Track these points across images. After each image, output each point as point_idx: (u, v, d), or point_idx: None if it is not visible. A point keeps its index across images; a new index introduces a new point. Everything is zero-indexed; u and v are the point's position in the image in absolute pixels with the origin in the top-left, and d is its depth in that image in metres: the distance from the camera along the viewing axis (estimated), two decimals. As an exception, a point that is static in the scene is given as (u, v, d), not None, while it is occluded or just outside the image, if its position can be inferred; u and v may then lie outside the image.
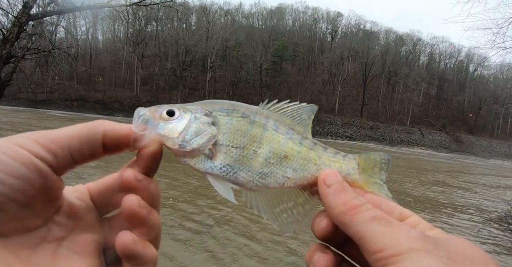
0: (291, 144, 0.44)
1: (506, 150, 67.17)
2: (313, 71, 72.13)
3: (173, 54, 58.78)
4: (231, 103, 0.46)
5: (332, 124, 60.42)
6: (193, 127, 0.40)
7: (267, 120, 0.44)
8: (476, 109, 76.55)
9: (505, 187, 17.85)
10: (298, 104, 0.48)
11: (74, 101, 49.36)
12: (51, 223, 0.32)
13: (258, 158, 0.42)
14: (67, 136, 0.32)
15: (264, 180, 0.42)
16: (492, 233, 7.43)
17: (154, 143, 0.38)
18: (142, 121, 0.39)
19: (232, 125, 0.42)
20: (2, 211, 0.27)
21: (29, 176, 0.28)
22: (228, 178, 0.41)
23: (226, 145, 0.41)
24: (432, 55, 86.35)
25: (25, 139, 0.30)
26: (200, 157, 0.40)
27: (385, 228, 0.32)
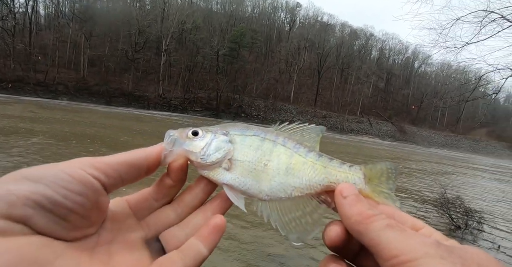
0: (297, 156, 0.47)
1: (443, 140, 73.73)
2: (270, 59, 72.35)
3: (125, 35, 55.20)
4: (245, 125, 0.51)
5: (287, 112, 61.40)
6: (213, 144, 0.46)
7: (276, 138, 0.49)
8: (418, 103, 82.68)
9: (441, 172, 19.32)
10: (308, 125, 0.52)
11: (10, 82, 44.35)
12: (100, 229, 0.38)
13: (268, 170, 0.46)
14: (118, 161, 0.39)
15: (274, 190, 0.45)
16: (428, 212, 7.99)
17: (181, 158, 0.45)
18: (171, 140, 0.46)
19: (246, 142, 0.48)
20: (67, 221, 0.33)
21: (87, 192, 0.34)
22: (241, 188, 0.45)
23: (240, 159, 0.46)
24: (383, 50, 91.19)
25: (84, 162, 0.36)
26: (218, 170, 0.45)
27: (399, 235, 0.34)
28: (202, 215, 0.45)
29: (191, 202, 0.47)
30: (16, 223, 0.30)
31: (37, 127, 13.60)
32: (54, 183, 0.32)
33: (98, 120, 20.87)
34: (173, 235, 0.43)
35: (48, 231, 0.32)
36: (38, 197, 0.31)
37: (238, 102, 55.90)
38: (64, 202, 0.32)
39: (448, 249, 0.32)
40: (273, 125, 0.51)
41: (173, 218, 0.45)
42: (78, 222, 0.34)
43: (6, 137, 10.39)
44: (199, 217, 0.45)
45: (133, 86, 51.91)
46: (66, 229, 0.33)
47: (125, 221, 0.41)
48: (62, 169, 0.34)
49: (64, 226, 0.33)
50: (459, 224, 6.86)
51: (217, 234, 0.43)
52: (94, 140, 12.19)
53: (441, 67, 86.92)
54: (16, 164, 7.24)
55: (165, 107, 50.91)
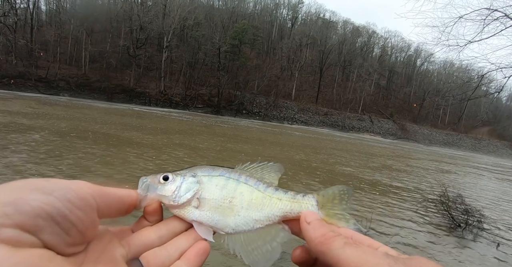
0: (257, 192, 0.52)
1: (444, 138, 73.66)
2: (271, 56, 72.22)
3: (126, 31, 55.03)
4: (211, 167, 0.54)
5: (289, 110, 61.40)
6: (183, 186, 0.50)
7: (239, 176, 0.53)
8: (420, 101, 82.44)
9: (442, 171, 19.34)
10: (267, 164, 0.56)
11: (12, 78, 44.32)
12: (87, 247, 0.39)
13: (233, 206, 0.51)
14: (109, 192, 0.43)
15: (238, 224, 0.50)
16: (428, 211, 7.98)
17: (154, 202, 0.49)
18: (145, 187, 0.50)
19: (212, 182, 0.52)
20: (68, 234, 0.34)
21: (86, 209, 0.36)
22: (209, 223, 0.49)
23: (208, 198, 0.51)
24: (385, 48, 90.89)
25: (83, 183, 0.39)
26: (188, 208, 0.50)
27: (355, 251, 0.38)
28: (185, 240, 0.47)
29: (175, 227, 0.49)
30: (28, 234, 0.30)
31: (36, 124, 13.64)
32: (62, 196, 0.34)
33: (99, 116, 20.92)
34: (154, 256, 0.44)
35: (53, 245, 0.33)
36: (51, 209, 0.32)
37: (240, 99, 55.85)
38: (69, 215, 0.34)
39: (394, 259, 0.36)
40: (236, 166, 0.55)
41: (154, 239, 0.46)
42: (76, 238, 0.36)
43: (5, 133, 10.43)
44: (183, 241, 0.47)
45: (135, 83, 51.88)
46: (66, 244, 0.34)
47: (109, 242, 0.42)
48: (68, 185, 0.36)
49: (66, 240, 0.34)
50: (459, 222, 6.87)
51: (202, 257, 0.46)
52: (96, 138, 12.21)
53: (444, 65, 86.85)
54: (17, 161, 7.27)
55: (166, 104, 50.90)
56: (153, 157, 9.83)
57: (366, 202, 8.08)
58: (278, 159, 13.21)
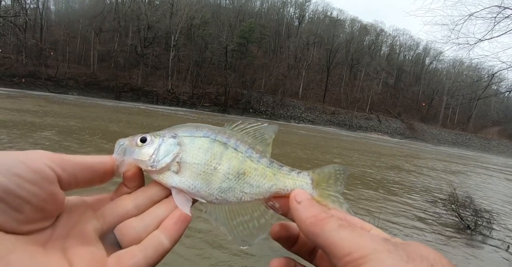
0: (249, 162, 0.47)
1: (453, 138, 72.61)
2: (278, 55, 72.02)
3: (134, 30, 55.45)
4: (195, 125, 0.50)
5: (296, 108, 61.20)
6: (162, 149, 0.46)
7: (228, 140, 0.48)
8: (429, 100, 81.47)
9: (451, 171, 19.09)
10: (260, 125, 0.52)
11: (22, 77, 45.03)
12: (56, 223, 0.37)
13: (218, 173, 0.46)
14: (75, 159, 0.39)
15: (223, 194, 0.46)
16: (437, 211, 7.86)
17: (132, 167, 0.45)
18: (121, 150, 0.46)
19: (194, 144, 0.47)
20: (20, 212, 0.32)
21: (41, 182, 0.33)
22: (190, 191, 0.45)
23: (189, 162, 0.46)
24: (393, 46, 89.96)
25: (41, 153, 0.36)
26: (167, 173, 0.45)
27: (351, 234, 0.35)
28: (165, 207, 0.44)
29: (154, 195, 0.46)
30: None
31: (45, 122, 13.82)
32: (7, 170, 0.31)
33: (105, 115, 21.11)
34: (130, 227, 0.41)
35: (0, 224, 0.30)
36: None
37: (247, 97, 55.89)
38: (17, 190, 0.31)
39: (394, 244, 0.34)
40: (226, 125, 0.51)
41: (131, 209, 0.43)
42: (31, 214, 0.33)
43: (13, 130, 10.60)
44: (161, 209, 0.44)
45: (142, 82, 52.26)
46: (19, 222, 0.32)
47: (82, 215, 0.40)
48: (17, 157, 0.33)
49: (17, 218, 0.32)
50: (468, 223, 6.77)
51: (181, 225, 0.42)
52: (104, 134, 12.33)
53: (453, 64, 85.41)
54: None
55: (173, 103, 51.21)
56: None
57: (373, 201, 8.02)
58: (287, 157, 13.18)
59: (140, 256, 0.38)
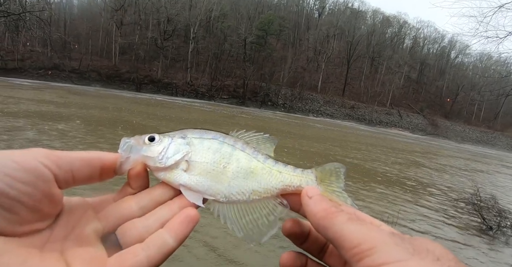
0: (256, 162, 0.49)
1: (478, 136, 69.89)
2: (298, 48, 71.07)
3: (154, 23, 56.10)
4: (203, 130, 0.51)
5: (314, 102, 60.54)
6: (171, 147, 0.47)
7: (235, 143, 0.50)
8: (453, 95, 78.55)
9: (474, 170, 18.44)
10: (263, 135, 0.54)
11: (48, 70, 46.55)
12: (54, 224, 0.36)
13: (227, 172, 0.47)
14: (72, 156, 0.38)
15: (232, 192, 0.47)
16: (459, 212, 7.64)
17: (138, 164, 0.45)
18: (127, 147, 0.46)
19: (204, 144, 0.48)
20: (13, 213, 0.31)
21: (36, 181, 0.32)
22: (199, 189, 0.46)
23: (198, 161, 0.47)
24: (417, 39, 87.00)
25: (37, 150, 0.35)
26: (176, 171, 0.46)
27: (360, 227, 0.36)
28: (169, 209, 0.44)
29: (159, 196, 0.45)
30: None
31: (67, 112, 14.23)
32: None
33: (125, 105, 21.54)
34: (131, 227, 0.41)
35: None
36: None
37: (265, 90, 55.74)
38: (9, 191, 0.30)
39: (401, 237, 0.35)
40: (231, 132, 0.53)
41: (135, 210, 0.43)
42: (26, 215, 0.32)
43: (37, 120, 10.96)
44: (165, 210, 0.43)
45: (162, 74, 53.02)
46: (12, 223, 0.31)
47: (82, 216, 0.39)
48: (10, 156, 0.32)
49: (10, 220, 0.31)
50: (491, 224, 6.53)
51: (188, 225, 0.42)
52: (125, 125, 12.59)
53: (480, 58, 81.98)
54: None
55: (192, 95, 51.76)
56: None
57: (393, 198, 7.85)
58: (306, 152, 13.08)
59: (142, 255, 0.37)
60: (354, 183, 8.96)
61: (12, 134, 8.50)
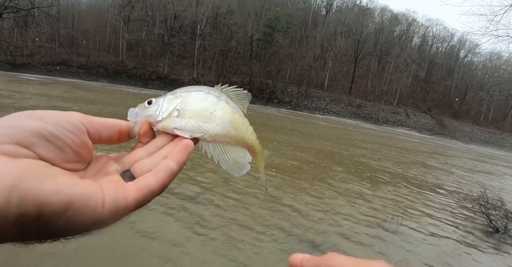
0: (237, 115, 0.58)
1: (486, 137, 68.85)
2: (304, 45, 70.63)
3: (161, 19, 56.17)
4: (191, 86, 0.60)
5: (321, 100, 60.21)
6: (164, 103, 0.55)
7: (220, 95, 0.58)
8: (462, 95, 77.50)
9: (481, 171, 18.24)
10: (242, 90, 0.61)
11: (56, 65, 46.95)
12: (86, 168, 0.45)
13: (214, 117, 0.55)
14: (99, 120, 0.48)
15: (217, 134, 0.55)
16: (465, 213, 7.56)
17: (144, 124, 0.54)
18: (133, 114, 0.54)
19: (191, 95, 0.56)
20: (63, 151, 0.40)
21: (77, 132, 0.42)
22: (190, 129, 0.54)
23: (187, 108, 0.55)
24: (425, 37, 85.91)
25: (75, 113, 0.45)
26: (170, 119, 0.54)
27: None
28: (168, 147, 0.53)
29: (161, 142, 0.53)
30: (24, 148, 0.36)
31: (74, 107, 14.33)
32: (54, 122, 0.40)
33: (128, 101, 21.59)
34: (141, 163, 0.50)
35: (48, 158, 0.38)
36: (42, 130, 0.38)
37: (271, 88, 55.58)
38: (61, 136, 0.40)
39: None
40: (216, 86, 0.60)
41: (143, 155, 0.51)
42: (71, 155, 0.42)
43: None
44: (165, 150, 0.52)
45: (169, 70, 53.15)
46: (62, 160, 0.40)
47: (106, 162, 0.48)
48: (61, 114, 0.42)
49: (61, 157, 0.40)
50: (497, 226, 6.42)
51: (185, 151, 0.50)
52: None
53: (490, 57, 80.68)
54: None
55: (198, 91, 51.81)
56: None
57: (397, 198, 7.77)
58: (313, 149, 13.01)
59: (152, 177, 0.46)
60: (359, 181, 8.89)
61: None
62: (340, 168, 10.73)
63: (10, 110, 10.95)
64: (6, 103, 12.82)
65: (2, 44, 36.55)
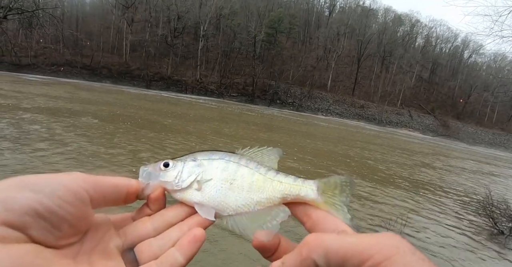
0: (258, 175, 0.53)
1: (490, 138, 68.31)
2: (308, 46, 70.63)
3: (165, 20, 56.46)
4: (211, 151, 0.55)
5: (324, 101, 60.11)
6: (185, 171, 0.52)
7: (240, 160, 0.54)
8: (466, 96, 77.03)
9: (486, 173, 18.09)
10: (266, 148, 0.57)
11: (61, 66, 47.23)
12: (83, 238, 0.41)
13: (234, 188, 0.51)
14: (105, 181, 0.44)
15: (239, 205, 0.51)
16: (469, 215, 7.51)
17: (157, 189, 0.50)
18: (146, 175, 0.51)
19: (212, 165, 0.53)
20: (58, 229, 0.36)
21: (77, 203, 0.38)
22: (211, 205, 0.50)
23: (209, 182, 0.51)
24: (429, 38, 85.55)
25: (77, 175, 0.40)
26: (189, 191, 0.51)
27: (359, 236, 0.34)
28: (179, 229, 0.48)
29: (171, 218, 0.49)
30: (15, 230, 0.32)
31: (75, 107, 14.39)
32: (52, 194, 0.35)
33: (130, 102, 21.68)
34: (148, 246, 0.45)
35: (41, 239, 0.34)
36: (38, 205, 0.34)
37: (274, 88, 55.60)
38: (59, 211, 0.35)
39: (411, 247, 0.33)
40: (236, 151, 0.56)
41: (150, 230, 0.47)
42: (67, 231, 0.37)
43: (49, 116, 11.10)
44: (176, 231, 0.47)
45: (172, 71, 53.32)
46: (56, 237, 0.36)
47: (106, 232, 0.44)
48: (59, 180, 0.38)
49: (55, 235, 0.35)
50: (502, 229, 6.35)
51: (195, 244, 0.45)
52: (144, 125, 12.66)
53: (494, 58, 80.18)
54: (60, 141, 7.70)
55: (201, 92, 51.99)
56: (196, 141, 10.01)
57: (401, 199, 7.72)
58: (314, 150, 12.98)
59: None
60: (360, 182, 8.84)
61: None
62: (341, 168, 10.69)
63: (18, 112, 11.02)
64: (10, 104, 12.89)
65: (7, 45, 36.89)
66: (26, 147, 7.03)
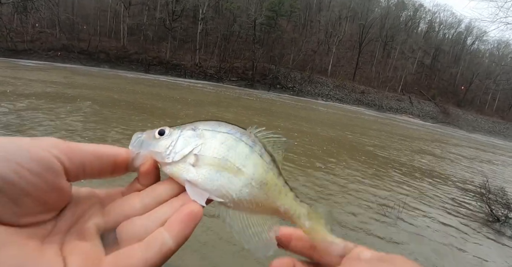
0: (271, 175, 0.45)
1: (490, 126, 68.05)
2: (308, 29, 69.29)
3: (162, 3, 55.16)
4: (218, 122, 0.47)
5: (324, 86, 59.60)
6: (180, 141, 0.44)
7: (254, 144, 0.45)
8: (467, 83, 76.35)
9: (484, 161, 18.07)
10: (281, 138, 0.49)
11: (58, 51, 46.49)
12: (59, 216, 0.35)
13: (242, 175, 0.43)
14: (84, 149, 0.36)
15: (241, 199, 0.43)
16: (466, 202, 7.52)
17: (148, 160, 0.42)
18: (138, 143, 0.44)
19: (217, 138, 0.44)
20: (18, 204, 0.29)
21: (45, 174, 0.31)
22: (206, 187, 0.42)
23: (209, 156, 0.43)
24: (432, 23, 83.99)
25: (49, 141, 0.34)
26: (183, 165, 0.42)
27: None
28: (170, 207, 0.40)
29: (164, 194, 0.42)
30: None
31: (73, 92, 14.25)
32: (8, 158, 0.29)
33: (127, 86, 21.49)
34: (131, 225, 0.38)
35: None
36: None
37: (274, 73, 54.97)
38: (17, 180, 0.29)
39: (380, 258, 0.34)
40: (249, 128, 0.48)
41: (138, 208, 0.40)
42: (31, 207, 0.31)
43: (49, 102, 10.98)
44: (167, 209, 0.40)
45: (171, 55, 52.61)
46: (17, 214, 0.30)
47: (88, 209, 0.38)
48: (22, 144, 0.31)
49: (14, 210, 0.30)
50: (498, 216, 6.38)
51: (188, 223, 0.38)
52: (141, 109, 12.55)
53: (498, 45, 79.12)
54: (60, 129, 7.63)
55: (201, 76, 51.51)
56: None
57: (398, 185, 7.73)
58: (315, 135, 12.93)
59: (139, 256, 0.35)
60: (361, 167, 8.84)
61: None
62: (341, 155, 10.67)
63: (15, 98, 10.89)
64: (8, 90, 12.74)
65: (2, 31, 36.23)
66: (19, 134, 6.96)
